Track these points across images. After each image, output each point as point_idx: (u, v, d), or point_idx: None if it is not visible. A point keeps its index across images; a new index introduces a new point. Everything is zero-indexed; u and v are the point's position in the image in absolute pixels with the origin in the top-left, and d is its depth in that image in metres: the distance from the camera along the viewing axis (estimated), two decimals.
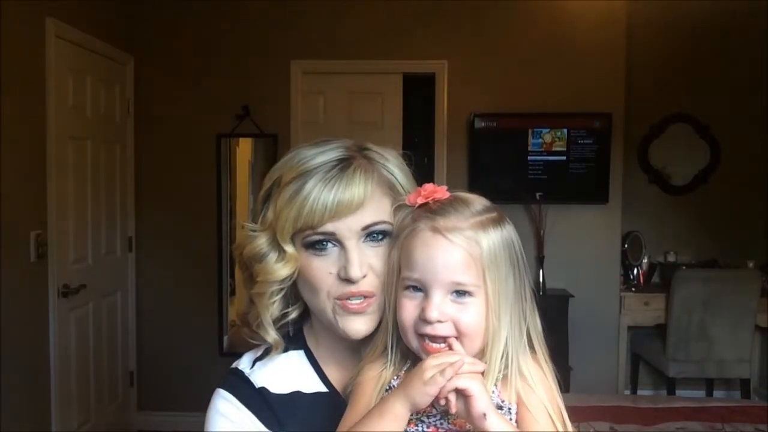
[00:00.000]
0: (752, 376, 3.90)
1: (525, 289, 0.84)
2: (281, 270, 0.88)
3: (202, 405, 0.97)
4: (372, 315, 0.88)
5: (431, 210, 0.83)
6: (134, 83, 3.78)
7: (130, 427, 3.80)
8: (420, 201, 0.85)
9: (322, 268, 0.87)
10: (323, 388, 0.94)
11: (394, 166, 0.92)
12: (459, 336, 0.79)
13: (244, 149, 4.04)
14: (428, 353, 0.79)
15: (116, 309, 3.64)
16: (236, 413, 0.90)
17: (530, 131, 3.87)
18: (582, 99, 3.88)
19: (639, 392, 4.14)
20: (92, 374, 3.34)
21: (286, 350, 0.95)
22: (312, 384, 0.94)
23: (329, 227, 0.85)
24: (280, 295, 0.92)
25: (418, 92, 4.25)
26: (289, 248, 0.88)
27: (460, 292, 0.79)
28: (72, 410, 3.12)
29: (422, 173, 0.95)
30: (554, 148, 3.87)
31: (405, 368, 0.84)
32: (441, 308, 0.79)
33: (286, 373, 0.94)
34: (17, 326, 2.67)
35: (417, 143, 4.59)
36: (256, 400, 0.91)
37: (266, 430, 0.90)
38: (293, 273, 0.89)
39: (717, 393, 4.07)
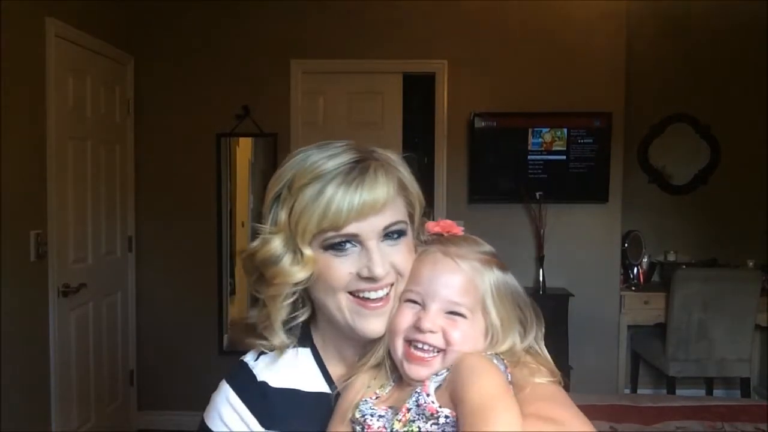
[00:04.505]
0: (752, 375, 3.90)
1: (537, 339, 0.89)
2: (299, 273, 0.88)
3: (202, 404, 0.98)
4: (387, 315, 0.89)
5: (444, 240, 0.92)
6: (134, 83, 3.78)
7: (130, 427, 3.80)
8: (437, 230, 0.93)
9: (342, 268, 0.87)
10: (326, 389, 0.94)
11: (401, 167, 0.93)
12: (446, 347, 0.83)
13: (244, 149, 4.04)
14: (410, 360, 0.84)
15: (116, 309, 3.64)
16: (233, 417, 0.92)
17: (530, 131, 3.87)
18: (582, 99, 3.88)
19: (639, 391, 4.14)
20: (92, 374, 3.34)
21: (294, 347, 0.96)
22: (315, 383, 0.95)
23: (352, 228, 0.86)
24: (293, 298, 0.93)
25: (418, 92, 4.24)
26: (308, 251, 0.87)
27: (454, 312, 0.85)
28: (72, 410, 3.12)
29: (422, 173, 0.96)
30: (554, 148, 3.87)
31: (387, 389, 0.87)
32: (434, 320, 0.84)
33: (290, 369, 0.95)
34: (17, 326, 2.67)
35: (417, 143, 4.58)
36: (255, 394, 0.93)
37: (261, 430, 0.91)
38: (310, 276, 0.89)
39: (717, 392, 4.08)
